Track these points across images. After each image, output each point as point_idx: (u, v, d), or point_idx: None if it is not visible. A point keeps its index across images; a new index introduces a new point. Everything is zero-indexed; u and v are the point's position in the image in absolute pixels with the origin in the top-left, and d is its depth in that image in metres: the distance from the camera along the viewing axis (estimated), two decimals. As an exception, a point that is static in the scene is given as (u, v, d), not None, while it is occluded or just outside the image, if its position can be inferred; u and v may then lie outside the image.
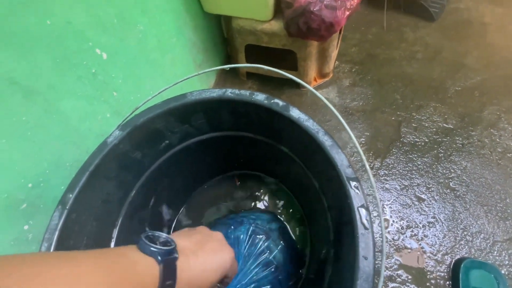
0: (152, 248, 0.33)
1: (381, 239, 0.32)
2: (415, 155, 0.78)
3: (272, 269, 0.54)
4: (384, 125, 0.84)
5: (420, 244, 0.65)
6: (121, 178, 0.45)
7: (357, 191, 0.33)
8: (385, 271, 0.64)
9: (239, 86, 0.98)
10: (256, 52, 0.88)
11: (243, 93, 0.42)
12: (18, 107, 0.38)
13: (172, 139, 0.49)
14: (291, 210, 0.62)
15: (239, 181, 0.67)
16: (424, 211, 0.69)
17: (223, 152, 0.58)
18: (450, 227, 0.67)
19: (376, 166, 0.76)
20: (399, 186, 0.74)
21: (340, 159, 0.35)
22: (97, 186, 0.41)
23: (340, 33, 0.91)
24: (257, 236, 0.56)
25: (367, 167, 0.33)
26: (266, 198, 0.65)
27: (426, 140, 0.81)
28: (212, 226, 0.60)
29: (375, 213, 0.69)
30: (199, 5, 0.77)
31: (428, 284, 0.62)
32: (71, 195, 0.38)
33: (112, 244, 0.45)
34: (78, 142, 0.48)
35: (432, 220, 0.68)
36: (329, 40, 0.79)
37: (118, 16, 0.50)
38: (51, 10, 0.39)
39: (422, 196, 0.72)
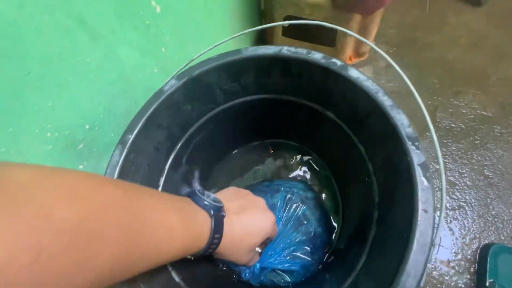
0: (205, 202, 0.34)
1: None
2: (450, 141, 0.77)
3: (311, 235, 0.55)
4: (419, 108, 0.82)
5: (448, 226, 0.65)
6: (171, 129, 0.46)
7: (417, 150, 0.33)
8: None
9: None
10: (292, 26, 0.86)
11: (300, 51, 0.42)
12: (84, 47, 0.39)
13: (220, 96, 0.50)
14: (324, 180, 0.63)
15: (273, 150, 0.68)
16: (455, 195, 0.69)
17: (263, 117, 0.58)
18: (480, 213, 0.67)
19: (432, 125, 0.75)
20: (431, 169, 0.73)
21: (400, 119, 0.35)
22: (151, 132, 0.43)
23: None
24: (294, 204, 0.57)
25: (430, 124, 0.33)
26: (300, 167, 0.65)
27: (463, 126, 0.79)
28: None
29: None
30: (242, -29, 0.75)
31: (452, 265, 0.63)
32: (130, 136, 0.39)
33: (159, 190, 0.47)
34: (129, 92, 0.49)
35: (463, 204, 0.68)
36: (373, 16, 0.77)
37: (173, -31, 0.50)
38: (119, -47, 0.39)
39: (454, 181, 0.71)
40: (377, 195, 0.42)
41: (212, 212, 0.33)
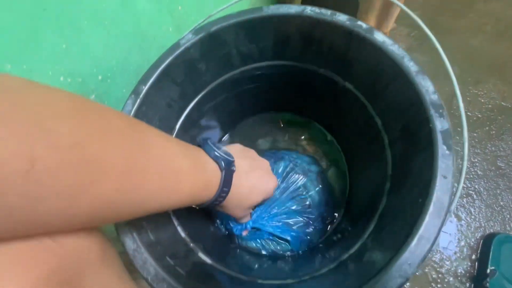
0: (216, 153, 0.34)
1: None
2: (464, 129, 0.75)
3: (307, 207, 0.55)
4: (442, 91, 0.80)
5: (454, 213, 0.65)
6: (184, 87, 0.45)
7: (441, 117, 0.32)
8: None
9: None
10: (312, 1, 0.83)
11: (324, 12, 0.40)
12: (101, -10, 0.37)
13: (235, 59, 0.48)
14: (333, 156, 0.62)
15: (283, 123, 0.67)
16: (465, 183, 0.68)
17: (277, 87, 0.57)
18: (488, 202, 0.66)
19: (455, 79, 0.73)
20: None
21: (426, 85, 0.33)
22: (165, 87, 0.42)
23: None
24: (295, 174, 0.56)
25: (457, 90, 0.32)
26: (308, 143, 0.65)
27: (479, 115, 0.77)
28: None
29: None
30: None
31: (455, 251, 0.63)
32: (143, 87, 0.38)
33: (169, 149, 0.47)
34: (143, 48, 0.48)
35: (471, 192, 0.67)
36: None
37: None
38: None
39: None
40: (390, 168, 0.41)
41: (223, 164, 0.33)
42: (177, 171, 0.27)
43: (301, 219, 0.54)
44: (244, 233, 0.52)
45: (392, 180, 0.39)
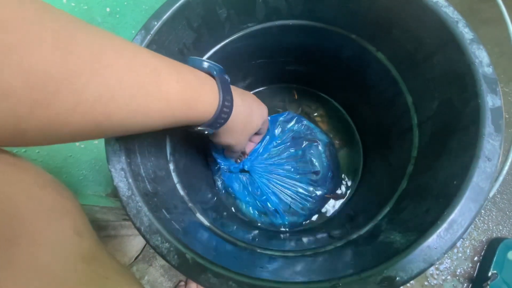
0: (205, 63, 0.31)
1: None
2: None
3: (310, 174, 0.52)
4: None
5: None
6: (201, 34, 0.41)
7: (493, 94, 0.27)
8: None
9: None
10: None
11: (371, -39, 0.34)
12: None
13: (260, 10, 0.43)
14: (346, 135, 0.58)
15: (298, 96, 0.63)
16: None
17: (300, 53, 0.52)
18: (501, 206, 0.63)
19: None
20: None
21: (480, 55, 0.29)
22: (179, 29, 0.37)
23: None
24: (299, 139, 0.54)
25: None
26: (322, 119, 0.61)
27: (507, 116, 0.72)
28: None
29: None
30: None
31: (456, 251, 0.60)
32: (156, 23, 0.34)
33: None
34: (159, -15, 0.43)
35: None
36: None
37: None
38: None
39: (482, 169, 0.66)
40: (415, 149, 0.37)
41: (215, 72, 0.30)
42: (166, 90, 0.24)
43: (295, 176, 0.52)
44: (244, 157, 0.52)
45: (417, 162, 0.36)
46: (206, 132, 0.32)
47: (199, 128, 0.31)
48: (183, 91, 0.26)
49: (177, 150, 0.42)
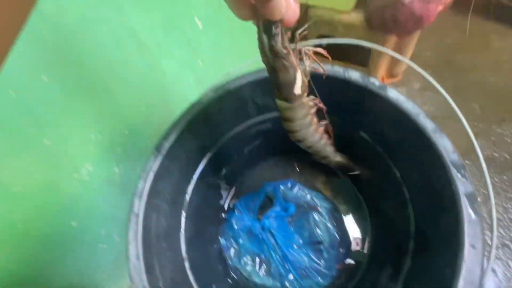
0: None
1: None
2: (492, 171, 0.71)
3: (316, 243, 0.53)
4: (458, 135, 0.77)
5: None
6: (203, 138, 0.47)
7: (463, 178, 0.31)
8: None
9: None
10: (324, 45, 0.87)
11: (337, 69, 0.41)
12: (132, 56, 0.42)
13: (252, 110, 0.50)
14: (351, 202, 0.60)
15: (299, 167, 0.67)
16: (499, 232, 0.63)
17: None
18: (529, 255, 0.60)
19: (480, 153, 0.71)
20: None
21: (443, 144, 0.33)
22: (185, 141, 0.44)
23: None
24: (306, 207, 0.56)
25: (479, 152, 0.31)
26: (325, 186, 0.64)
27: (507, 156, 0.73)
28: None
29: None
30: (279, -9, 0.78)
31: None
32: (165, 143, 0.41)
33: (187, 197, 0.48)
34: (167, 101, 0.52)
35: (508, 242, 0.61)
36: (410, 37, 0.75)
37: (217, -11, 0.53)
38: (171, -26, 0.43)
39: (498, 216, 0.65)
40: (413, 224, 0.39)
41: None
42: None
43: (305, 257, 0.52)
44: None
45: (417, 240, 0.37)
46: None
47: None
48: None
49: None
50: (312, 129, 0.36)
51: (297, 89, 0.28)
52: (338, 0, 0.71)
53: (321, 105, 0.36)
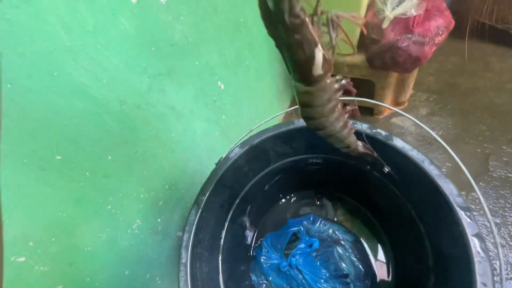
0: None
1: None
2: (508, 192, 0.73)
3: (341, 276, 0.56)
4: (468, 157, 0.81)
5: (518, 290, 0.60)
6: (233, 187, 0.54)
7: (469, 220, 0.35)
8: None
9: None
10: (332, 81, 0.94)
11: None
12: (171, 126, 0.50)
13: (273, 157, 0.57)
14: (373, 235, 0.63)
15: (319, 200, 0.72)
16: (521, 254, 0.64)
17: (311, 171, 0.63)
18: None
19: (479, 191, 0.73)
20: (489, 223, 0.69)
21: (448, 188, 0.38)
22: (219, 192, 0.50)
23: (419, 63, 0.92)
24: (327, 238, 0.59)
25: (479, 194, 0.35)
26: (346, 218, 0.68)
27: (520, 176, 0.75)
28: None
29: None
30: (286, 40, 0.87)
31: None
32: (203, 198, 0.47)
33: (221, 242, 0.53)
34: (198, 154, 0.59)
35: (533, 265, 0.62)
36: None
37: (235, 54, 0.62)
38: (199, 54, 0.51)
39: (519, 237, 0.66)
40: (431, 259, 0.43)
41: None
42: None
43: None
44: None
45: (436, 273, 0.41)
46: None
47: None
48: None
49: None
50: (334, 116, 0.28)
51: (317, 69, 0.22)
52: (341, 46, 0.79)
53: (350, 87, 0.27)
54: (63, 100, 0.32)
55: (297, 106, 0.28)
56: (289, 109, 0.55)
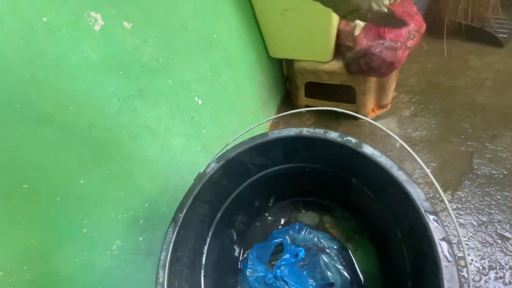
0: None
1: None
2: (493, 189, 0.73)
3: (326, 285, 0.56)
4: (453, 155, 0.81)
5: (508, 289, 0.59)
6: (213, 202, 0.54)
7: (436, 224, 0.35)
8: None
9: (297, 118, 1.06)
10: (314, 87, 0.95)
11: (318, 131, 0.48)
12: (147, 145, 0.50)
13: (251, 169, 0.57)
14: (358, 241, 0.63)
15: (304, 209, 0.72)
16: (510, 251, 0.63)
17: (293, 181, 0.64)
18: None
19: (446, 199, 0.73)
20: (476, 222, 0.69)
21: (416, 193, 0.38)
22: (197, 208, 0.51)
23: (398, 66, 0.93)
24: (313, 247, 0.59)
25: (444, 198, 0.35)
26: (332, 225, 0.67)
27: (505, 172, 0.75)
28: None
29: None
30: (266, 51, 0.89)
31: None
32: (180, 215, 0.47)
33: (204, 258, 0.53)
34: (179, 170, 0.60)
35: (521, 262, 0.62)
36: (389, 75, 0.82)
37: (210, 70, 0.63)
38: (172, 73, 0.52)
39: (506, 234, 0.66)
40: (408, 264, 0.43)
41: None
42: None
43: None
44: None
45: (413, 279, 0.41)
46: None
47: None
48: None
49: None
50: None
51: None
52: (317, 54, 0.80)
53: None
54: (26, 129, 0.33)
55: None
56: (274, 116, 0.55)
